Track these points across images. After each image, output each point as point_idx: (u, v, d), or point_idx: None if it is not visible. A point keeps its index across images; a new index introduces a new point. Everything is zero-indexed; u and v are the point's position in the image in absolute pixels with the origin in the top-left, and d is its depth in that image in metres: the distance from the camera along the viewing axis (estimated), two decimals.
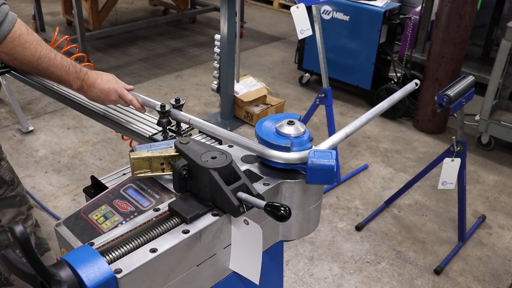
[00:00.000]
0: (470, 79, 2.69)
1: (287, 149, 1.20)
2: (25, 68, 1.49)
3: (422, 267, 2.82)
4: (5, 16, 1.35)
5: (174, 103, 1.58)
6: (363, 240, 3.00)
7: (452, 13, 3.82)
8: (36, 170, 3.52)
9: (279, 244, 1.33)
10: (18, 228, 0.81)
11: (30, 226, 2.03)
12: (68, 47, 2.21)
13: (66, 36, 2.23)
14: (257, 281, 1.15)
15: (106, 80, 1.59)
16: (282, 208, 0.99)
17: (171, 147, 1.20)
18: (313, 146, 1.33)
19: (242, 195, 1.06)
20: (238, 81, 4.32)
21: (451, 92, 2.52)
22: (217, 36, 3.94)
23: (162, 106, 1.54)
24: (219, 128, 1.39)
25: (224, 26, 3.88)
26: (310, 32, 3.05)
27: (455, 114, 2.65)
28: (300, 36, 3.05)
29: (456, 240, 3.02)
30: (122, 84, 1.63)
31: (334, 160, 1.14)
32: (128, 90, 1.64)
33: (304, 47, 4.85)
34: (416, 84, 1.76)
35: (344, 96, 4.80)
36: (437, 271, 2.78)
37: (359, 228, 3.08)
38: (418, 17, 4.90)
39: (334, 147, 1.28)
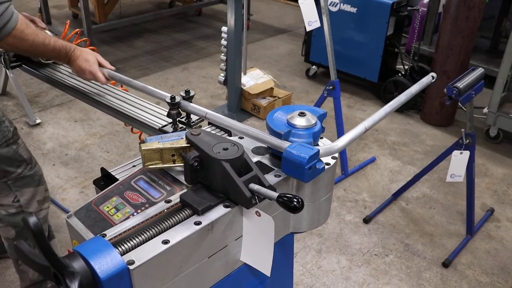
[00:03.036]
0: (479, 71, 2.66)
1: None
2: (25, 54, 1.87)
3: (430, 260, 2.81)
4: (11, 16, 1.57)
5: (184, 94, 1.57)
6: (371, 232, 2.99)
7: (460, 5, 3.78)
8: (43, 163, 3.52)
9: (290, 236, 1.33)
10: (32, 220, 0.81)
11: (47, 208, 2.11)
12: (78, 41, 2.25)
13: (77, 30, 2.33)
14: (268, 273, 1.15)
15: (84, 60, 1.84)
16: (295, 200, 0.99)
17: (182, 138, 1.20)
18: (323, 141, 1.32)
19: (254, 186, 1.06)
20: (245, 74, 4.31)
21: (461, 84, 2.49)
22: (224, 29, 3.93)
23: (172, 98, 1.54)
24: (235, 122, 1.38)
25: (231, 18, 3.86)
26: (318, 24, 3.03)
27: (463, 107, 2.63)
28: (308, 28, 3.04)
29: (464, 233, 3.01)
30: (101, 61, 1.88)
31: (308, 157, 1.11)
32: (105, 67, 1.87)
33: (311, 39, 4.83)
34: (433, 77, 1.74)
35: (351, 88, 4.78)
36: (445, 264, 2.77)
37: (367, 220, 3.07)
38: (426, 9, 4.86)
39: (350, 140, 1.30)
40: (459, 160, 2.69)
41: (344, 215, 3.13)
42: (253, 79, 4.32)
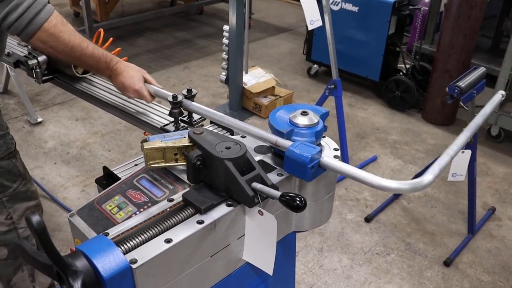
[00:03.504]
0: (481, 70, 2.66)
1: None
2: (59, 56, 1.56)
3: (432, 259, 2.81)
4: (43, 6, 1.43)
5: (186, 93, 1.57)
6: (372, 231, 2.99)
7: (462, 4, 3.78)
8: (45, 161, 3.53)
9: (292, 235, 1.33)
10: (35, 218, 0.81)
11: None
12: (113, 52, 2.21)
13: (111, 39, 2.24)
14: (270, 272, 1.15)
15: (130, 76, 1.65)
16: (298, 199, 0.99)
17: (184, 137, 1.20)
18: (326, 140, 1.32)
19: (257, 185, 1.06)
20: (246, 72, 4.31)
21: (462, 83, 2.49)
22: (226, 27, 3.92)
23: (174, 97, 1.53)
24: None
25: (232, 17, 3.86)
26: (320, 23, 3.02)
27: (465, 107, 2.62)
28: (310, 27, 3.03)
29: (465, 232, 3.01)
30: (148, 78, 1.69)
31: (311, 156, 1.11)
32: (152, 84, 1.69)
33: (312, 38, 4.82)
34: (502, 96, 1.68)
35: (352, 87, 4.78)
36: (447, 263, 2.77)
37: (368, 219, 3.07)
38: (427, 8, 4.85)
39: (439, 172, 1.16)
40: (460, 159, 2.68)
41: (346, 214, 3.13)
42: (255, 78, 4.31)
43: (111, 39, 2.32)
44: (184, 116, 1.66)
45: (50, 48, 1.51)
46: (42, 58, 2.03)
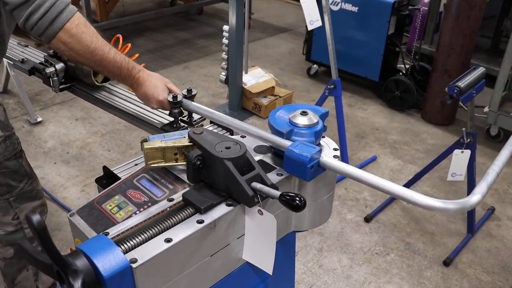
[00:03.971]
0: (480, 70, 2.66)
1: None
2: (80, 60, 1.51)
3: (431, 258, 2.82)
4: (66, 6, 1.40)
5: (186, 93, 1.57)
6: (372, 231, 3.00)
7: (462, 4, 3.78)
8: (45, 161, 3.53)
9: (292, 234, 1.33)
10: (35, 218, 0.81)
11: (44, 219, 2.01)
12: (133, 59, 2.19)
13: (128, 45, 2.22)
14: (270, 272, 1.15)
15: (153, 86, 1.59)
16: (297, 198, 0.99)
17: (184, 137, 1.20)
18: (326, 140, 1.32)
19: (257, 185, 1.06)
20: (246, 72, 4.31)
21: (462, 83, 2.49)
22: (226, 27, 3.92)
23: (174, 97, 1.53)
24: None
25: (232, 17, 3.86)
26: (319, 23, 3.03)
27: (464, 106, 2.63)
28: (310, 27, 3.03)
29: (465, 232, 3.01)
30: (171, 87, 1.62)
31: (311, 156, 1.11)
32: (177, 93, 1.62)
33: (312, 38, 4.82)
34: None
35: (352, 87, 4.78)
36: (446, 263, 2.77)
37: (368, 219, 3.07)
38: (427, 8, 4.85)
39: (486, 190, 1.12)
40: (460, 159, 2.69)
41: (345, 214, 3.13)
42: (254, 78, 4.31)
43: (129, 45, 2.29)
44: (184, 116, 1.66)
45: (71, 51, 1.46)
46: (59, 65, 1.96)
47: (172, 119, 1.66)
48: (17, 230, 1.90)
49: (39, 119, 4.00)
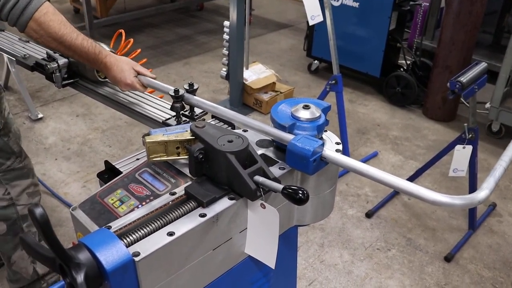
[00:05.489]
0: (482, 65, 2.66)
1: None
2: (52, 46, 1.62)
3: (433, 254, 2.82)
4: None
5: (187, 87, 1.57)
6: (373, 227, 3.00)
7: None
8: (46, 157, 3.53)
9: (294, 229, 1.33)
10: (38, 210, 0.81)
11: (38, 201, 2.09)
12: (134, 54, 2.21)
13: (130, 40, 2.24)
14: (273, 265, 1.15)
15: (120, 70, 1.68)
16: (300, 192, 0.99)
17: (186, 131, 1.20)
18: (328, 134, 1.32)
19: (259, 178, 1.05)
20: (247, 68, 4.31)
21: (464, 78, 2.49)
22: (226, 23, 3.92)
23: (176, 91, 1.53)
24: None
25: (233, 13, 3.85)
26: (321, 18, 3.02)
27: (466, 102, 2.62)
28: (311, 22, 3.02)
29: (466, 227, 3.01)
30: (139, 69, 1.71)
31: (313, 150, 1.10)
32: (144, 75, 1.72)
33: (313, 34, 4.82)
34: None
35: (353, 83, 4.77)
36: (448, 259, 2.77)
37: (369, 215, 3.07)
38: (428, 4, 4.84)
39: (494, 185, 1.08)
40: (461, 154, 2.68)
41: (347, 209, 3.13)
42: (255, 74, 4.31)
43: (131, 40, 2.31)
44: (186, 111, 1.66)
45: (41, 38, 1.57)
46: (62, 61, 1.97)
47: (174, 113, 1.66)
48: (9, 206, 1.97)
49: (39, 116, 4.00)
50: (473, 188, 2.86)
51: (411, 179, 3.15)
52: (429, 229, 3.00)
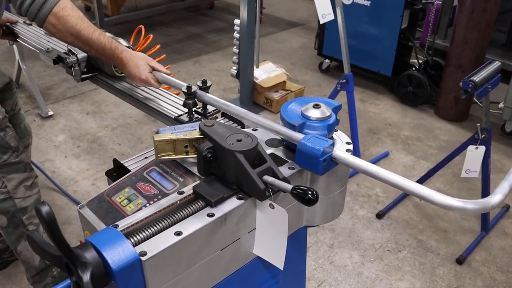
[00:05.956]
0: (496, 64, 2.62)
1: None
2: (69, 40, 1.67)
3: (444, 256, 2.79)
4: None
5: (200, 84, 1.57)
6: (383, 228, 2.97)
7: None
8: (55, 155, 3.54)
9: (303, 229, 1.32)
10: (45, 209, 0.81)
11: (36, 193, 2.11)
12: (154, 50, 2.22)
13: (150, 36, 2.27)
14: (281, 267, 1.14)
15: (135, 65, 1.71)
16: (310, 192, 0.97)
17: (195, 129, 1.19)
18: (338, 134, 1.30)
19: (268, 178, 1.04)
20: (257, 67, 4.29)
21: (477, 77, 2.46)
22: (237, 21, 3.91)
23: (188, 87, 1.53)
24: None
25: (244, 11, 3.84)
26: (332, 17, 3.00)
27: (479, 102, 2.59)
28: (322, 21, 3.01)
29: (479, 229, 2.97)
30: (154, 65, 1.74)
31: (323, 149, 1.09)
32: (159, 71, 1.75)
33: (324, 32, 4.79)
34: None
35: (364, 82, 4.74)
36: (459, 261, 2.74)
37: (380, 216, 3.05)
38: (440, 2, 4.79)
39: (508, 190, 1.07)
40: (474, 155, 2.65)
41: (357, 210, 3.11)
42: (266, 73, 4.30)
43: (151, 36, 2.34)
44: (199, 108, 1.66)
45: (59, 33, 1.61)
46: (81, 55, 2.03)
47: (186, 110, 1.66)
48: (6, 199, 2.00)
49: (50, 113, 4.01)
50: (486, 189, 2.82)
51: (423, 179, 3.13)
52: (441, 230, 2.97)
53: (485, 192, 2.83)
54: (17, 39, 2.44)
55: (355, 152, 3.37)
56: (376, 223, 3.01)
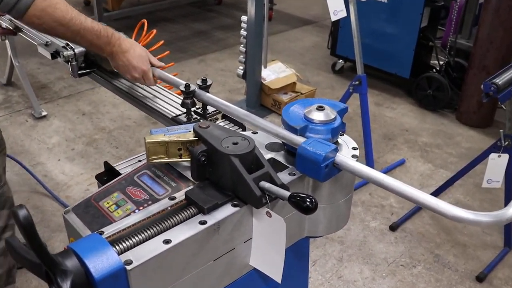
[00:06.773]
0: None
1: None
2: (56, 32, 1.55)
3: (463, 273, 2.77)
4: None
5: (200, 83, 1.58)
6: (397, 241, 2.96)
7: None
8: (48, 158, 3.57)
9: (305, 240, 1.32)
10: (22, 212, 0.81)
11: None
12: (157, 46, 2.25)
13: (153, 31, 2.28)
14: (279, 280, 1.14)
15: (138, 55, 1.65)
16: (308, 200, 0.97)
17: (189, 131, 1.19)
18: (344, 138, 1.30)
19: (265, 184, 1.04)
20: (265, 67, 4.30)
21: (500, 80, 2.44)
22: (244, 18, 3.92)
23: (187, 86, 1.54)
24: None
25: (251, 7, 3.86)
26: (344, 14, 3.00)
27: (503, 106, 2.58)
28: (334, 18, 3.01)
29: (501, 245, 2.95)
30: (153, 61, 1.70)
31: (325, 154, 1.09)
32: (157, 67, 1.71)
33: (338, 31, 4.80)
34: None
35: (380, 85, 4.74)
36: (480, 278, 2.72)
37: (393, 228, 3.03)
38: None
39: None
40: (496, 164, 2.64)
41: (369, 221, 3.10)
42: (274, 73, 4.30)
43: (154, 31, 2.35)
44: (199, 108, 1.67)
45: (44, 24, 1.50)
46: (79, 50, 2.02)
47: (185, 110, 1.67)
48: None
49: (43, 113, 4.04)
50: (509, 201, 2.80)
51: (440, 190, 3.11)
52: (460, 245, 2.95)
53: (508, 204, 2.81)
54: (19, 32, 2.46)
55: (368, 159, 3.36)
56: (390, 235, 3.00)
